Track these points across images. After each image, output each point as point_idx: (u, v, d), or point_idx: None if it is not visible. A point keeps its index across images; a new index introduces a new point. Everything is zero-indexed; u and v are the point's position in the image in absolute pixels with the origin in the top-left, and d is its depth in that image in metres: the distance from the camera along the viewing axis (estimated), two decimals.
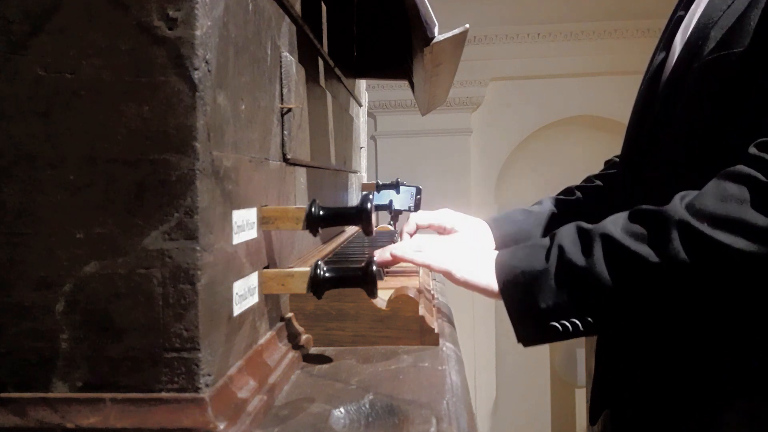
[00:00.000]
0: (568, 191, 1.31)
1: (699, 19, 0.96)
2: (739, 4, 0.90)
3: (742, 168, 0.80)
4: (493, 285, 0.91)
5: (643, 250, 0.81)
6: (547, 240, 0.90)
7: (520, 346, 0.92)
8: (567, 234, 0.89)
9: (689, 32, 0.98)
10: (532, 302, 0.87)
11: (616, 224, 0.85)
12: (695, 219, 0.79)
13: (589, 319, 0.85)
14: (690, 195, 0.82)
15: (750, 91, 0.85)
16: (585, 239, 0.86)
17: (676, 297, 0.82)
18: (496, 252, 0.95)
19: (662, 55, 1.05)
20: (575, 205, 1.27)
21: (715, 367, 0.89)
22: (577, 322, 0.85)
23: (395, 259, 1.01)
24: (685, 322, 0.91)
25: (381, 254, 1.02)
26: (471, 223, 1.23)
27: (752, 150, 0.80)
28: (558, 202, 1.28)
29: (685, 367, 0.92)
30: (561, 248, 0.87)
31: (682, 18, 1.04)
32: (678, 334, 0.92)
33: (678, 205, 0.81)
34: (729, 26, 0.90)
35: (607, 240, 0.84)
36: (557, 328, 0.86)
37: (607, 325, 0.88)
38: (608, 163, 1.34)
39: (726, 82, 0.88)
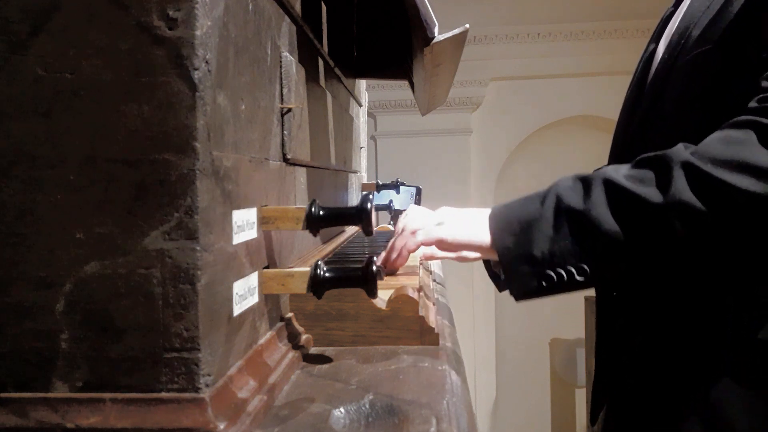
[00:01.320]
0: None
1: (682, 18, 0.97)
2: (716, 3, 0.91)
3: (743, 117, 0.80)
4: (487, 239, 0.89)
5: (646, 191, 0.79)
6: (543, 189, 0.89)
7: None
8: (564, 182, 0.87)
9: (672, 31, 0.99)
10: (526, 250, 0.85)
11: (617, 170, 0.84)
12: (699, 160, 0.78)
13: (586, 267, 0.83)
14: (692, 146, 0.81)
15: (732, 81, 0.86)
16: (584, 184, 0.85)
17: (678, 240, 0.80)
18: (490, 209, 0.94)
19: (648, 53, 1.06)
20: None
21: (715, 347, 0.88)
22: (573, 270, 0.83)
23: (398, 259, 1.01)
24: (685, 281, 0.89)
25: (384, 258, 1.03)
26: None
27: (752, 104, 0.80)
28: None
29: (684, 349, 0.91)
30: (558, 195, 0.85)
31: (671, 15, 1.06)
32: (678, 313, 0.91)
33: (681, 149, 0.81)
34: (707, 23, 0.91)
35: (608, 183, 0.82)
36: (552, 277, 0.83)
37: (603, 274, 0.85)
38: None
39: (709, 77, 0.89)
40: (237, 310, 0.68)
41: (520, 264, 0.86)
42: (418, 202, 2.10)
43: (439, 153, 4.25)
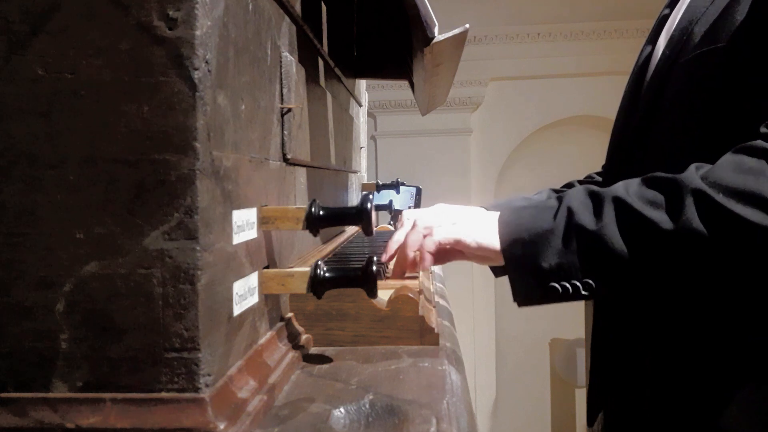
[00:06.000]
0: (569, 186, 1.31)
1: (682, 16, 0.97)
2: (721, 1, 0.90)
3: (758, 142, 0.79)
4: (496, 244, 0.89)
5: (657, 216, 0.80)
6: (554, 201, 0.88)
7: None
8: (576, 196, 0.87)
9: (672, 29, 0.98)
10: (534, 260, 0.85)
11: (628, 188, 0.84)
12: (711, 189, 0.78)
13: (591, 282, 0.83)
14: (705, 166, 0.81)
15: (741, 83, 0.85)
16: (596, 201, 0.85)
17: (686, 267, 0.80)
18: (498, 212, 0.93)
19: (647, 53, 1.05)
20: None
21: (720, 354, 0.87)
22: (579, 284, 0.83)
23: (423, 262, 0.99)
24: (690, 302, 0.89)
25: (398, 267, 1.00)
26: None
27: (764, 129, 0.80)
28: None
29: (688, 355, 0.90)
30: (570, 209, 0.85)
31: (667, 16, 1.05)
32: (680, 321, 0.91)
33: (693, 174, 0.80)
34: (713, 21, 0.90)
35: (620, 203, 0.82)
36: (557, 289, 0.84)
37: (609, 290, 0.85)
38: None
39: (714, 77, 0.88)
40: (237, 310, 0.68)
41: (526, 274, 0.86)
42: (418, 202, 2.10)
43: (439, 153, 4.26)
